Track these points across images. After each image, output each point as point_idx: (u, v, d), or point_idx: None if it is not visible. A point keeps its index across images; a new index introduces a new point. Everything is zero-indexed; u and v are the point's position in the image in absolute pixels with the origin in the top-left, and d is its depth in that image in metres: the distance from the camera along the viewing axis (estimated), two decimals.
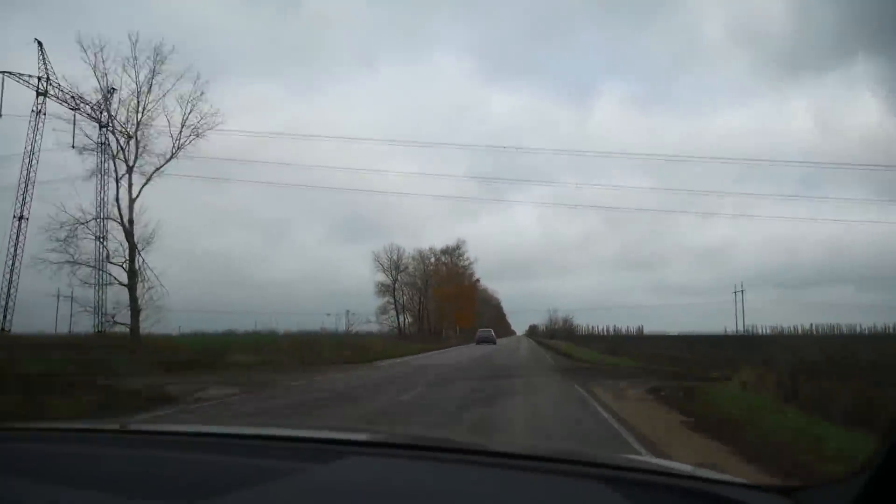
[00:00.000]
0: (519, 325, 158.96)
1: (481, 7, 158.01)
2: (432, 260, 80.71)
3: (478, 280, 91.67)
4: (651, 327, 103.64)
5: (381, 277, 72.65)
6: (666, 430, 8.24)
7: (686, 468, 1.33)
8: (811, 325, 80.00)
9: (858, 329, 66.56)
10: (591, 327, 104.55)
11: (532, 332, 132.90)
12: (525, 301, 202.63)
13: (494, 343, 53.75)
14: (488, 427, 8.44)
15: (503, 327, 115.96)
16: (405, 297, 75.20)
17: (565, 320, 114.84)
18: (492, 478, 1.23)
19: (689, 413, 9.43)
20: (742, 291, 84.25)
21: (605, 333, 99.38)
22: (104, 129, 30.08)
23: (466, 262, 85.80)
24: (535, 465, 1.32)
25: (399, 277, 73.01)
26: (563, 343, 56.53)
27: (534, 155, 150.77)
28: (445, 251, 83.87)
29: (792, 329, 76.36)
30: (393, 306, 73.22)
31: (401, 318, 73.93)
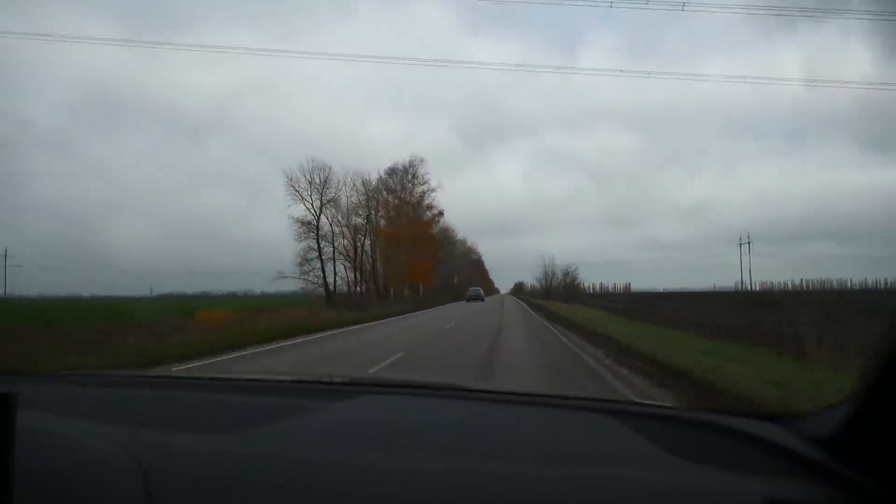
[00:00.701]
0: (503, 283, 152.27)
1: None
2: (384, 193, 53.42)
3: (440, 213, 60.54)
4: (638, 284, 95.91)
5: (301, 211, 44.01)
6: None
7: (684, 407, 1.45)
8: (801, 280, 73.71)
9: (849, 284, 61.45)
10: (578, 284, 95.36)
11: (518, 290, 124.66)
12: (508, 259, 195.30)
13: (483, 300, 54.16)
14: None
15: (485, 285, 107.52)
16: (342, 242, 47.51)
17: (566, 274, 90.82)
18: (496, 412, 1.36)
19: None
20: (749, 243, 75.67)
21: (593, 291, 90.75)
22: None
23: (424, 189, 56.30)
24: (541, 401, 1.45)
25: (324, 211, 44.55)
26: (578, 310, 32.34)
27: (519, 109, 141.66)
28: (393, 172, 54.58)
29: (782, 285, 70.50)
30: (317, 254, 44.57)
31: (329, 273, 45.43)
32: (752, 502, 0.85)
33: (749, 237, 75.93)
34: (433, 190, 57.50)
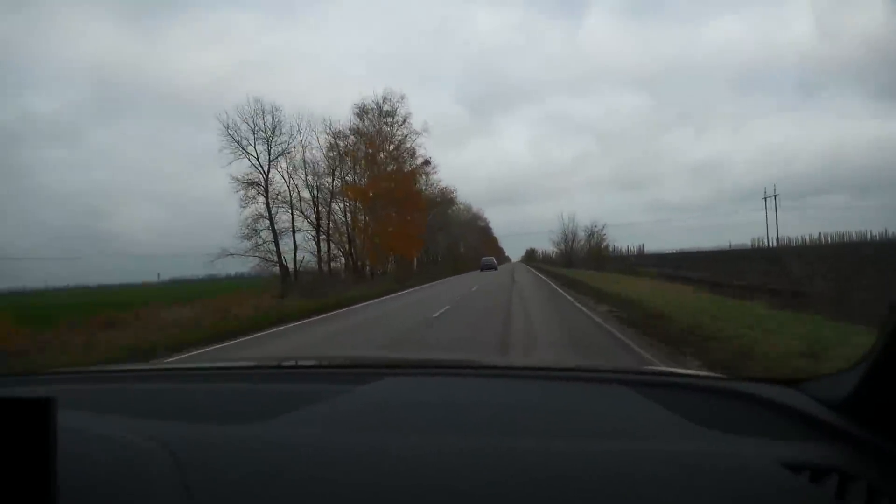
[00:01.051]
0: (513, 252, 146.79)
1: None
2: (361, 145, 39.67)
3: (426, 162, 45.30)
4: (648, 246, 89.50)
5: (245, 167, 32.92)
6: None
7: (698, 372, 1.47)
8: (819, 234, 67.40)
9: (869, 236, 54.99)
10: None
11: (530, 257, 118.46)
12: (517, 226, 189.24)
13: (496, 269, 52.13)
14: None
15: (495, 253, 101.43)
16: (309, 207, 35.83)
17: (591, 235, 68.92)
18: (517, 387, 1.37)
19: None
20: (776, 196, 68.19)
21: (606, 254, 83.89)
22: None
23: (404, 132, 41.84)
24: (559, 375, 1.49)
25: (278, 167, 33.58)
26: (637, 284, 20.81)
27: (523, 76, 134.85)
28: (363, 112, 39.89)
29: (800, 240, 64.03)
30: (268, 225, 32.89)
31: (285, 248, 34.16)
32: (767, 466, 0.84)
33: (776, 190, 68.35)
34: (418, 134, 42.70)
